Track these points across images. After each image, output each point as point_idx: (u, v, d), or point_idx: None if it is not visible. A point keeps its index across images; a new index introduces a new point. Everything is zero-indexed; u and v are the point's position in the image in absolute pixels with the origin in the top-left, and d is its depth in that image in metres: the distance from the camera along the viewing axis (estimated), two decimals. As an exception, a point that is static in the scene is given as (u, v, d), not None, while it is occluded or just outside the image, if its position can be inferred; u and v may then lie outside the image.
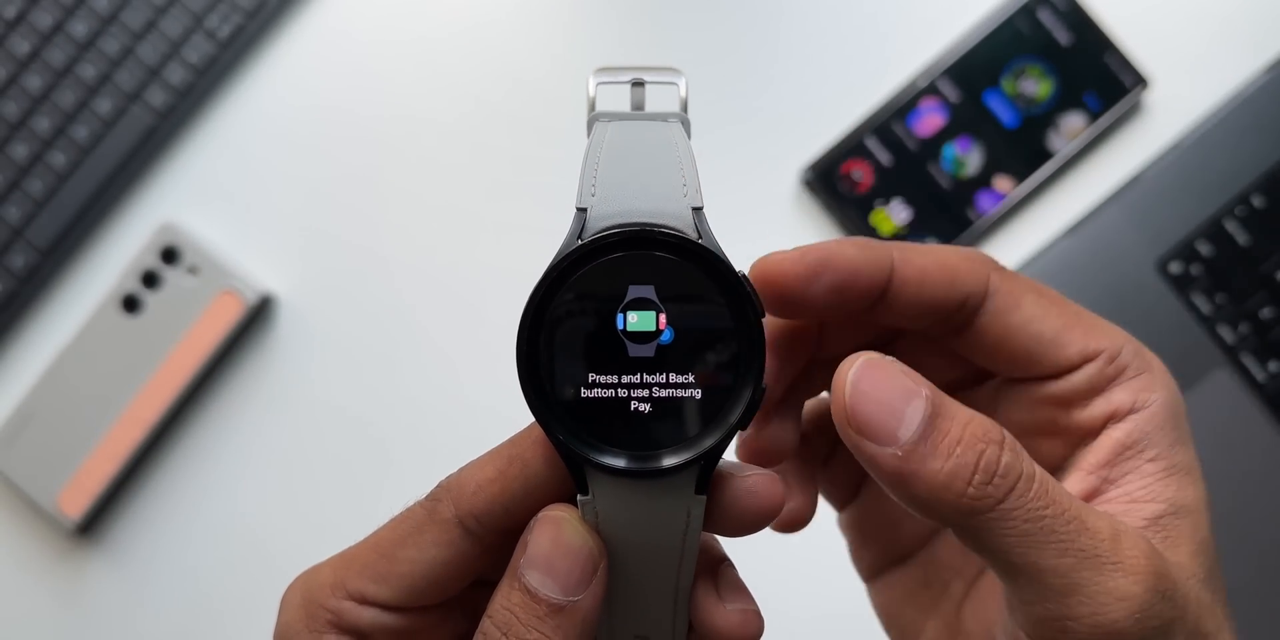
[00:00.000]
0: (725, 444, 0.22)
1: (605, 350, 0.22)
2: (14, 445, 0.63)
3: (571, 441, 0.22)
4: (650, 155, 0.23)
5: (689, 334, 0.22)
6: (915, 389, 0.22)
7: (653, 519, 0.23)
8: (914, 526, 0.31)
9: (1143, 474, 0.25)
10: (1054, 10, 0.61)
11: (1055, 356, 0.26)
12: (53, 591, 0.65)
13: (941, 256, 0.26)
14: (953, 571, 0.30)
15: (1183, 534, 0.25)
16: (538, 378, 0.22)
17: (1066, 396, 0.26)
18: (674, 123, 0.25)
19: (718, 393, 0.22)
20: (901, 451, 0.22)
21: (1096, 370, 0.26)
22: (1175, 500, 0.25)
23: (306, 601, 0.24)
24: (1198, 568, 0.24)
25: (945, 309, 0.26)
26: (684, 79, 0.26)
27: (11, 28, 0.64)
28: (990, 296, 0.26)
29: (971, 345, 0.27)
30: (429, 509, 0.24)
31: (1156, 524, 0.25)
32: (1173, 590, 0.22)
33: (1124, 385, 0.26)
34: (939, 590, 0.30)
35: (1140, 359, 0.26)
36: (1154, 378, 0.26)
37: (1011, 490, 0.22)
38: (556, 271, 0.22)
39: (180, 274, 0.63)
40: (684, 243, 0.22)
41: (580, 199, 0.22)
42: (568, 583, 0.22)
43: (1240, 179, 0.61)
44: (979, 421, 0.22)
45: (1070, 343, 0.26)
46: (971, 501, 0.22)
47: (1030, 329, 0.26)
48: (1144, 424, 0.26)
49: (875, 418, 0.22)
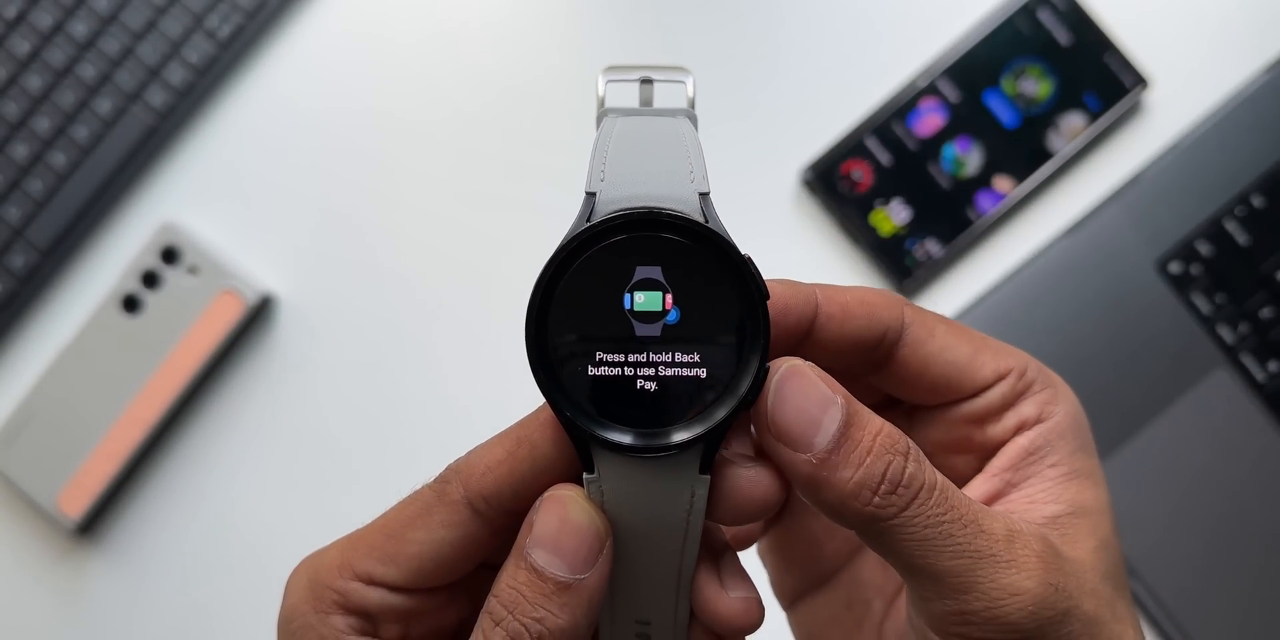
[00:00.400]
0: (732, 420, 0.22)
1: (613, 329, 0.22)
2: (14, 445, 0.63)
3: (580, 419, 0.22)
4: (658, 144, 0.24)
5: (695, 314, 0.22)
6: (831, 396, 0.23)
7: (658, 498, 0.23)
8: (835, 547, 0.31)
9: (1044, 478, 0.27)
10: (1054, 10, 0.61)
11: (972, 379, 0.27)
12: (53, 591, 0.65)
13: (860, 293, 0.27)
14: (874, 590, 0.31)
15: (1082, 532, 0.26)
16: (546, 357, 0.22)
17: (980, 414, 0.28)
18: (681, 117, 0.25)
19: (723, 371, 0.22)
20: (816, 459, 0.23)
21: (1008, 387, 0.27)
22: (1075, 501, 0.26)
23: (313, 583, 0.24)
24: (1098, 562, 0.25)
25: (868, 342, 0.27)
26: (692, 77, 0.27)
27: (12, 28, 0.64)
28: (906, 329, 0.27)
29: (894, 379, 0.28)
30: (438, 491, 0.24)
31: (1055, 523, 0.26)
32: (1065, 584, 0.24)
33: (1030, 399, 0.28)
34: (861, 610, 0.31)
35: (1044, 375, 0.28)
36: (1057, 392, 0.28)
37: (914, 499, 0.23)
38: (565, 252, 0.22)
39: (180, 274, 0.63)
40: (690, 225, 0.22)
41: (590, 184, 0.23)
42: (575, 561, 0.23)
43: (1240, 179, 0.61)
44: (889, 431, 0.23)
45: (983, 365, 0.27)
46: (876, 510, 0.23)
47: (946, 356, 0.27)
48: (1047, 433, 0.27)
49: (794, 424, 0.23)
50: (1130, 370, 0.60)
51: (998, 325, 0.61)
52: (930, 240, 0.62)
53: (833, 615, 0.31)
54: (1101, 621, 0.24)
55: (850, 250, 0.63)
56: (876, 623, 0.30)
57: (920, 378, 0.27)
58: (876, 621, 0.30)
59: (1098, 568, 0.25)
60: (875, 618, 0.30)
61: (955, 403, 0.28)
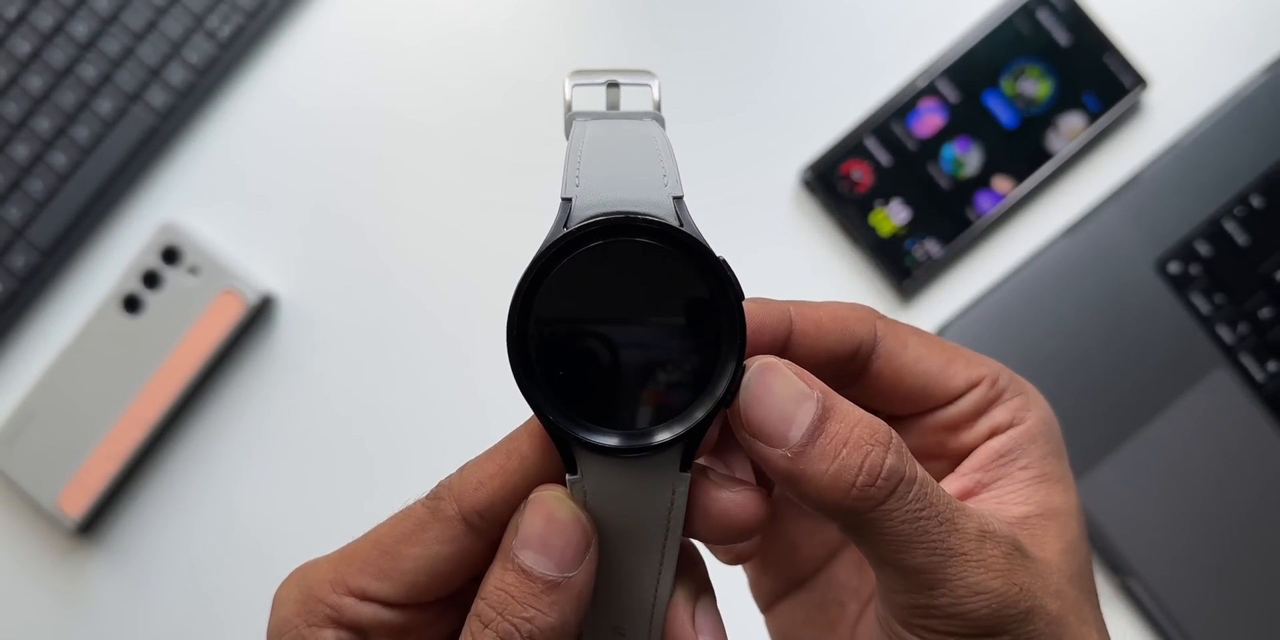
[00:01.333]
0: (711, 419, 0.23)
1: (592, 333, 0.23)
2: (14, 445, 0.63)
3: (561, 421, 0.23)
4: (631, 148, 0.24)
5: (672, 317, 0.23)
6: (808, 392, 0.23)
7: (640, 496, 0.23)
8: (811, 550, 0.32)
9: (1014, 479, 0.27)
10: (1053, 11, 0.61)
11: (945, 388, 0.28)
12: (53, 591, 0.65)
13: (833, 309, 0.27)
14: (849, 592, 0.31)
15: (1049, 534, 0.26)
16: (527, 360, 0.23)
17: (954, 422, 0.28)
18: (650, 120, 0.26)
19: (702, 370, 0.23)
20: (791, 453, 0.23)
21: (980, 395, 0.28)
22: (1044, 503, 0.27)
23: (305, 597, 0.24)
24: (1064, 564, 0.26)
25: (842, 356, 0.27)
26: (657, 81, 0.27)
27: (12, 28, 0.64)
28: (879, 341, 0.27)
29: (869, 390, 0.28)
30: (431, 507, 0.24)
31: (1024, 523, 0.26)
32: (1030, 584, 0.24)
33: (1003, 405, 0.28)
34: (836, 612, 0.31)
35: (1016, 383, 0.28)
36: (1029, 399, 0.28)
37: (893, 492, 0.23)
38: (544, 258, 0.22)
39: (181, 274, 0.63)
40: (666, 229, 0.22)
41: (565, 189, 0.23)
42: (562, 559, 0.23)
43: (1239, 179, 0.61)
44: (868, 423, 0.24)
45: (956, 374, 0.28)
46: (854, 502, 0.23)
47: (919, 367, 0.28)
48: (1019, 437, 0.28)
49: (767, 420, 0.23)
50: (1129, 370, 0.60)
51: (997, 325, 0.61)
52: (930, 240, 0.62)
53: (808, 617, 0.32)
54: (1065, 622, 0.24)
55: (850, 250, 0.63)
56: (850, 624, 0.31)
57: (894, 389, 0.28)
58: (851, 623, 0.31)
59: (1064, 569, 0.26)
60: (850, 619, 0.31)
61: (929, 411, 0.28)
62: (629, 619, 0.25)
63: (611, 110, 0.27)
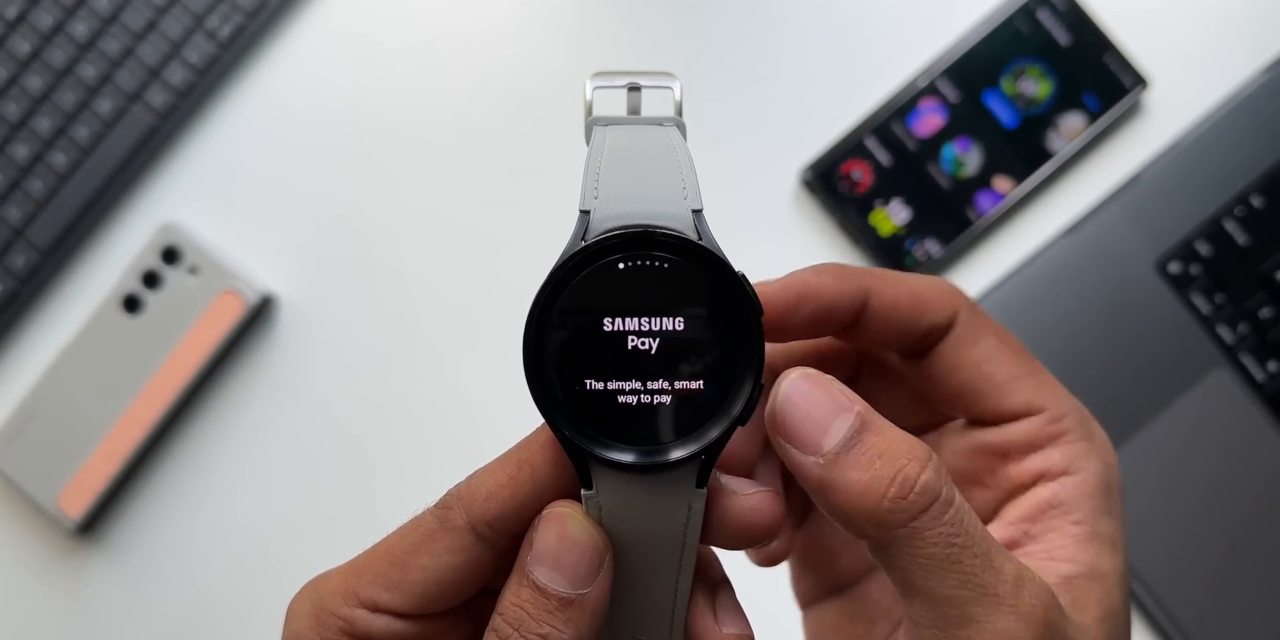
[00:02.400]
0: (728, 436, 0.23)
1: (609, 348, 0.22)
2: (14, 445, 0.63)
3: (577, 437, 0.22)
4: (651, 159, 0.24)
5: (690, 332, 0.22)
6: (848, 405, 0.23)
7: (655, 513, 0.23)
8: (850, 561, 0.31)
9: (1064, 534, 0.26)
10: (1053, 10, 0.61)
11: (997, 401, 0.27)
12: (53, 591, 0.65)
13: (914, 286, 0.27)
14: (881, 611, 0.30)
15: (1092, 598, 0.25)
16: (544, 375, 0.22)
17: (1003, 448, 0.27)
18: (670, 126, 0.25)
19: (719, 388, 0.23)
20: (824, 461, 0.23)
21: (1036, 427, 0.27)
22: (1091, 564, 0.26)
23: (317, 610, 0.24)
24: (1100, 634, 0.25)
25: (911, 336, 0.27)
26: (678, 83, 0.26)
27: (12, 28, 0.64)
28: (954, 329, 0.27)
29: (922, 372, 0.28)
30: (440, 517, 0.24)
31: (1068, 583, 0.25)
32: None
33: (1061, 448, 0.27)
34: (865, 628, 0.31)
35: (1084, 428, 0.27)
36: (1094, 448, 0.27)
37: (926, 510, 0.22)
38: (562, 271, 0.22)
39: (181, 274, 0.63)
40: (685, 243, 0.22)
41: (583, 202, 0.23)
42: (575, 576, 0.23)
43: (1239, 179, 0.61)
44: (905, 439, 0.23)
45: (1016, 392, 0.27)
46: (885, 514, 0.22)
47: (982, 368, 0.27)
48: (1073, 488, 0.26)
49: (802, 426, 0.23)
50: (1129, 370, 0.60)
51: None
52: (930, 240, 0.62)
53: (839, 625, 0.31)
54: None
55: (850, 250, 0.63)
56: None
57: (947, 379, 0.27)
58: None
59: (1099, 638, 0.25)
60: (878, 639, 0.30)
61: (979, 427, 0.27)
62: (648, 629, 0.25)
63: (633, 114, 0.26)
